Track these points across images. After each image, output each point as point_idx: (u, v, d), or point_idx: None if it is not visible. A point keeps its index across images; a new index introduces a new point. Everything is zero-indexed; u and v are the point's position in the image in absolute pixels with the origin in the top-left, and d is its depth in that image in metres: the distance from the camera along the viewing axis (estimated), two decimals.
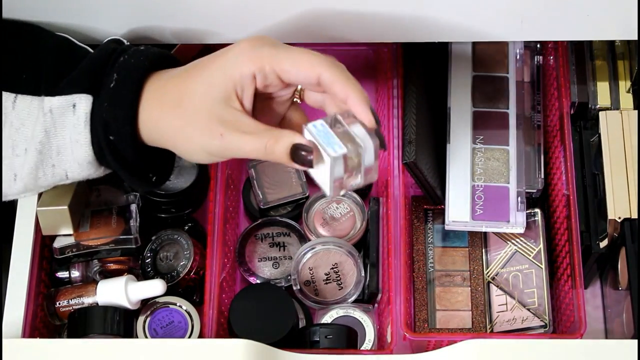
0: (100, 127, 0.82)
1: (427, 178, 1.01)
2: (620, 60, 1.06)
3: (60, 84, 0.83)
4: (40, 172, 0.84)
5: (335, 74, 0.79)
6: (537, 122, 1.07)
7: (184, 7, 0.90)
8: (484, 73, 1.08)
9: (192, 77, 0.81)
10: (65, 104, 0.82)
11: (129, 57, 0.83)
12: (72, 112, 0.82)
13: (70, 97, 0.82)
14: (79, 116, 0.82)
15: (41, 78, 0.84)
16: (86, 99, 0.82)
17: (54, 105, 0.82)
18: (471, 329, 1.02)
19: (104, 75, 0.83)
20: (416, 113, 1.02)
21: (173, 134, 0.81)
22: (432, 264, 1.05)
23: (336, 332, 0.95)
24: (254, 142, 0.79)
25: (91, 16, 0.91)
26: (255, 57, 0.79)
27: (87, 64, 0.84)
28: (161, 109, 0.81)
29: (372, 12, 0.90)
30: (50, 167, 0.84)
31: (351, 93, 0.79)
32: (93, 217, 0.99)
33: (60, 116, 0.82)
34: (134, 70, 0.82)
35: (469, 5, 0.89)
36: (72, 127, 0.82)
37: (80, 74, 0.83)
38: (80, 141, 0.82)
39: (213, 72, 0.80)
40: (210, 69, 0.80)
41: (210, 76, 0.80)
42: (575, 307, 0.95)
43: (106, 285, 0.96)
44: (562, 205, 1.01)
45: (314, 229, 1.06)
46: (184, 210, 1.05)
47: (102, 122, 0.82)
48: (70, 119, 0.82)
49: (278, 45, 0.80)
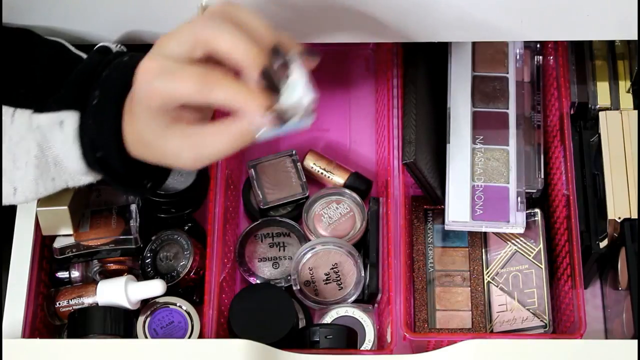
0: (88, 144, 0.81)
1: (427, 178, 1.01)
2: (620, 60, 1.06)
3: (49, 100, 0.83)
4: (40, 186, 0.84)
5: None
6: (537, 122, 1.07)
7: (182, 7, 0.90)
8: (484, 73, 1.08)
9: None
10: (52, 121, 0.82)
11: (111, 71, 0.82)
12: (59, 130, 0.82)
13: (57, 115, 0.82)
14: (67, 133, 0.82)
15: (38, 92, 0.84)
16: (73, 116, 0.82)
17: (42, 123, 0.82)
18: (471, 329, 1.02)
19: (89, 90, 0.82)
20: (416, 113, 1.02)
21: (154, 148, 0.79)
22: (432, 264, 1.05)
23: (336, 332, 0.95)
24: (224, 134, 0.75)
25: (85, 19, 0.91)
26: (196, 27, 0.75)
27: (73, 78, 0.83)
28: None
29: (372, 12, 0.90)
30: (51, 181, 0.84)
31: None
32: (93, 217, 0.99)
33: (50, 132, 0.82)
34: (116, 86, 0.81)
35: (469, 5, 0.89)
36: (61, 144, 0.82)
37: (67, 90, 0.83)
38: (71, 157, 0.82)
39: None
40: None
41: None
42: (575, 307, 0.95)
43: (106, 285, 0.96)
44: (562, 205, 1.01)
45: (314, 229, 1.06)
46: (184, 211, 1.05)
47: (89, 139, 0.81)
48: (58, 136, 0.82)
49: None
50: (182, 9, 0.89)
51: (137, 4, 0.90)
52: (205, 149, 0.77)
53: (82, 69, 0.84)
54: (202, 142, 0.77)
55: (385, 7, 0.89)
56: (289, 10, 0.90)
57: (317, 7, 0.89)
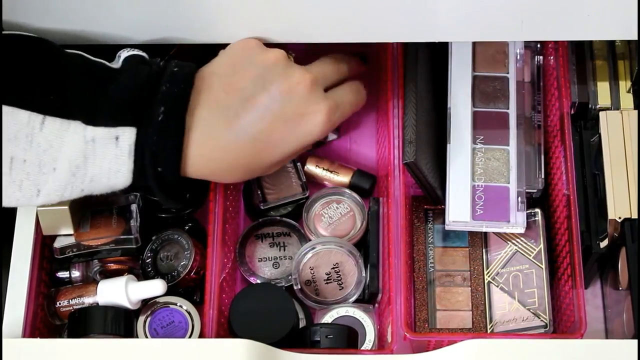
0: (149, 159, 0.84)
1: (427, 178, 1.01)
2: (620, 60, 1.06)
3: (98, 113, 0.84)
4: (67, 192, 0.86)
5: None
6: (538, 122, 1.07)
7: (183, 7, 0.90)
8: (484, 73, 1.08)
9: (260, 143, 0.89)
10: (108, 135, 0.84)
11: (170, 85, 0.86)
12: (114, 144, 0.84)
13: (113, 130, 0.84)
14: (122, 148, 0.84)
15: (69, 101, 0.84)
16: (130, 132, 0.84)
17: (98, 136, 0.84)
18: (471, 329, 1.02)
19: (145, 106, 0.85)
20: (416, 113, 1.02)
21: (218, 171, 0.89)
22: (433, 264, 1.05)
23: (336, 332, 0.95)
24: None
25: (88, 19, 0.91)
26: (329, 127, 0.92)
27: (125, 94, 0.85)
28: (208, 144, 0.87)
29: (372, 12, 0.90)
30: (79, 191, 0.86)
31: None
32: (93, 217, 0.99)
33: (102, 147, 0.84)
34: (179, 101, 0.85)
35: (469, 5, 0.89)
36: (113, 158, 0.84)
37: (122, 106, 0.85)
38: (121, 171, 0.85)
39: (290, 142, 0.91)
40: (287, 139, 0.90)
41: (287, 146, 0.91)
42: (576, 307, 0.95)
43: (106, 285, 0.96)
44: (563, 205, 1.01)
45: (314, 229, 1.06)
46: (185, 210, 1.05)
47: (150, 153, 0.84)
48: (111, 150, 0.84)
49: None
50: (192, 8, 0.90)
51: (149, 3, 0.90)
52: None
53: (132, 84, 0.86)
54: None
55: (386, 7, 0.89)
56: (289, 11, 0.90)
57: (317, 7, 0.89)
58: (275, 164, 0.92)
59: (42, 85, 0.84)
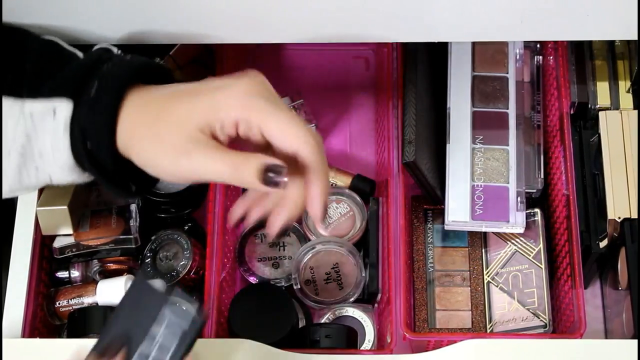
0: (79, 134, 0.80)
1: (426, 178, 1.01)
2: (620, 60, 1.06)
3: (42, 87, 0.82)
4: (23, 174, 0.83)
5: (313, 160, 0.77)
6: (537, 122, 1.07)
7: (182, 7, 0.90)
8: (484, 73, 1.08)
9: (178, 98, 0.79)
10: (45, 108, 0.81)
11: (112, 65, 0.82)
12: (52, 118, 0.81)
13: (50, 102, 0.81)
14: (58, 121, 0.81)
15: (24, 81, 0.83)
16: (66, 105, 0.81)
17: (35, 110, 0.81)
18: (471, 328, 1.02)
19: (87, 81, 0.81)
20: (416, 113, 1.02)
21: (142, 146, 0.79)
22: (432, 264, 1.05)
23: (336, 332, 0.95)
24: (222, 162, 0.76)
25: (87, 17, 0.91)
26: (246, 107, 0.77)
27: (71, 70, 0.83)
28: (138, 121, 0.79)
29: (372, 12, 0.90)
30: (34, 170, 0.83)
31: (315, 184, 0.78)
32: (93, 217, 0.99)
33: (41, 121, 0.81)
34: (116, 79, 0.80)
35: (469, 5, 0.89)
36: (52, 132, 0.81)
37: (63, 79, 0.82)
38: (59, 147, 0.81)
39: (201, 100, 0.78)
40: (199, 96, 0.78)
41: (197, 102, 0.78)
42: (575, 307, 0.95)
43: (106, 285, 0.96)
44: (562, 205, 1.01)
45: (313, 229, 1.06)
46: (184, 210, 1.05)
47: (79, 128, 0.80)
48: (50, 124, 0.81)
49: (272, 102, 0.78)
50: (182, 9, 0.89)
51: (136, 3, 0.90)
52: (199, 174, 0.77)
53: (81, 62, 0.84)
54: (203, 166, 0.77)
55: (386, 7, 0.89)
56: (290, 11, 0.90)
57: (317, 7, 0.89)
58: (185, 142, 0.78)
59: (4, 67, 0.83)
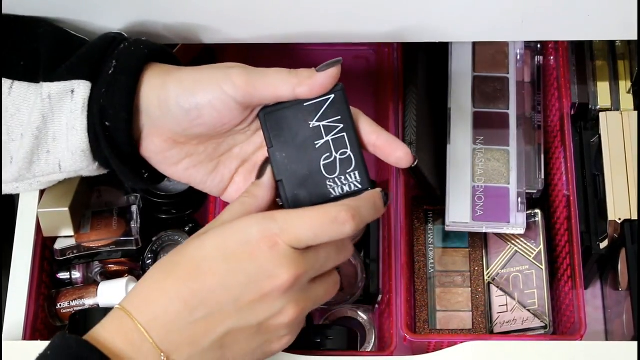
0: (97, 113, 0.81)
1: (427, 178, 1.01)
2: (620, 61, 1.06)
3: (59, 70, 0.83)
4: (35, 157, 0.84)
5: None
6: (538, 123, 1.07)
7: (182, 7, 0.90)
8: (484, 73, 1.08)
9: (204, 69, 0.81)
10: (64, 89, 0.82)
11: (129, 45, 0.83)
12: (70, 98, 0.82)
13: (69, 83, 0.82)
14: (77, 102, 0.82)
15: (39, 65, 0.83)
16: (85, 85, 0.82)
17: (53, 91, 0.82)
18: (471, 329, 1.02)
19: (103, 62, 0.82)
20: (416, 114, 1.02)
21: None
22: (433, 264, 1.05)
23: (337, 333, 0.95)
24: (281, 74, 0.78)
25: (90, 14, 0.91)
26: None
27: (87, 51, 0.84)
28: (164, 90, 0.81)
29: (372, 12, 0.90)
30: (45, 153, 0.84)
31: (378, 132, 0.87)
32: (94, 219, 0.99)
33: (59, 102, 0.82)
34: (134, 58, 0.82)
35: (469, 5, 0.89)
36: (69, 113, 0.82)
37: (80, 61, 0.83)
38: (76, 127, 0.82)
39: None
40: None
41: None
42: (576, 308, 0.95)
43: (107, 286, 0.96)
44: (563, 206, 1.01)
45: None
46: (185, 211, 1.05)
47: (99, 107, 0.81)
48: (68, 104, 0.82)
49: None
50: (182, 9, 0.89)
51: (137, 3, 0.90)
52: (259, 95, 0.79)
53: (97, 42, 0.84)
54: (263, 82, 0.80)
55: (386, 7, 0.89)
56: (289, 11, 0.90)
57: (317, 7, 0.89)
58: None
59: (17, 53, 0.84)
